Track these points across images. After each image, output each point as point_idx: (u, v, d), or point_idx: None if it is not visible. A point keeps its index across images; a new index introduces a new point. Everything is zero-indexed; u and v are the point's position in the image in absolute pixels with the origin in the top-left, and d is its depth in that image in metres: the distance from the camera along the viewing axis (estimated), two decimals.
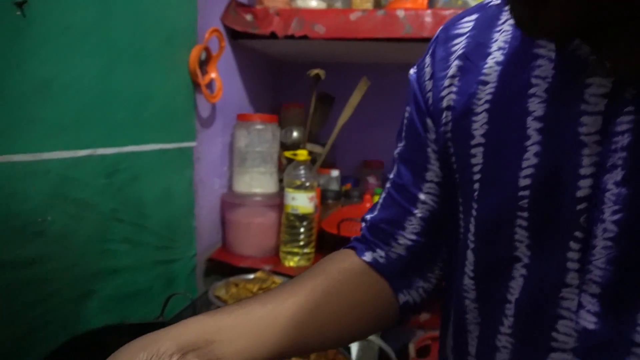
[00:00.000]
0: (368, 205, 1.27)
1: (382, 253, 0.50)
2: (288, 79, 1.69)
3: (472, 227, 0.41)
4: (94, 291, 0.81)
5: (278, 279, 1.00)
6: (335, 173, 1.48)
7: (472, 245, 0.42)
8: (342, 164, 1.65)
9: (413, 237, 0.49)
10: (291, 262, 1.19)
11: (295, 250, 1.19)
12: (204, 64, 1.11)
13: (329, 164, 1.58)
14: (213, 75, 1.13)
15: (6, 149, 0.62)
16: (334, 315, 0.45)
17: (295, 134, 1.37)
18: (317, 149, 1.36)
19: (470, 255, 0.42)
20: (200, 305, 1.04)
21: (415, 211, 0.48)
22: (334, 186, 1.49)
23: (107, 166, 0.81)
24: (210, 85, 1.13)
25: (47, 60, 0.67)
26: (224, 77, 1.17)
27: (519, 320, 0.37)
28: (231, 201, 1.24)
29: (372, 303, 0.49)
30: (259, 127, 1.21)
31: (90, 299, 0.80)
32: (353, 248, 0.53)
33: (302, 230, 1.18)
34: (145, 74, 0.90)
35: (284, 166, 1.34)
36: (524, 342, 0.37)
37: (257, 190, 1.24)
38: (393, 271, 0.50)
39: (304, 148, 1.27)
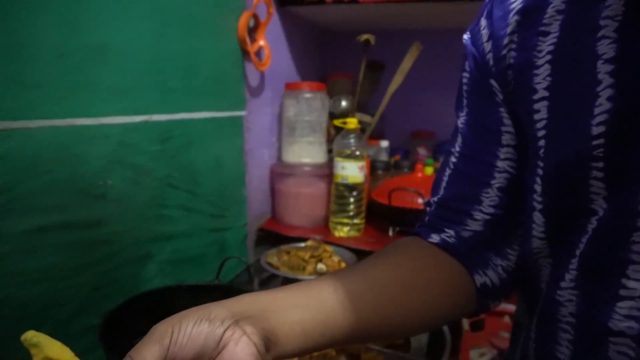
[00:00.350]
0: (420, 175, 1.23)
1: (452, 232, 0.46)
2: (336, 48, 1.65)
3: (537, 187, 0.39)
4: (152, 255, 0.83)
5: (329, 248, 0.99)
6: (384, 144, 1.45)
7: (539, 207, 0.40)
8: (391, 135, 1.61)
9: (491, 210, 0.45)
10: (341, 232, 1.18)
11: (345, 220, 1.17)
12: (252, 31, 1.09)
13: (377, 135, 1.54)
14: (261, 42, 1.11)
15: (70, 112, 0.63)
16: (399, 298, 0.40)
17: (343, 103, 1.34)
18: (366, 118, 1.32)
19: (538, 217, 0.40)
20: (253, 271, 1.06)
21: (493, 181, 0.44)
22: (383, 157, 1.46)
23: (161, 132, 0.82)
24: (258, 53, 1.12)
25: (103, 24, 0.68)
26: (272, 45, 1.15)
27: (584, 271, 0.36)
28: (280, 171, 1.24)
29: (443, 287, 0.44)
30: (307, 95, 1.19)
31: (149, 262, 0.82)
32: (416, 234, 0.49)
33: (351, 200, 1.16)
34: (195, 40, 0.89)
35: (332, 136, 1.31)
36: (589, 293, 0.35)
37: (306, 160, 1.23)
38: (465, 250, 0.45)
39: (353, 117, 1.24)
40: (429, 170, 1.35)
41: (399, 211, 1.15)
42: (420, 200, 1.15)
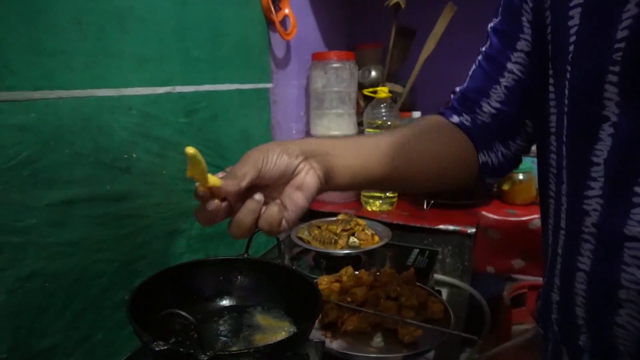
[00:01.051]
0: None
1: (468, 117, 0.56)
2: (363, 17, 1.58)
3: (566, 91, 0.41)
4: (180, 230, 0.82)
5: (361, 221, 0.96)
6: (416, 114, 1.39)
7: (566, 110, 0.41)
8: (423, 106, 1.54)
9: (497, 105, 0.53)
10: (373, 206, 1.14)
11: (377, 194, 1.13)
12: (276, 0, 1.05)
13: (409, 107, 1.48)
14: (287, 11, 1.07)
15: (90, 83, 0.61)
16: (421, 154, 0.53)
17: (373, 73, 1.29)
18: (397, 88, 1.27)
19: (565, 121, 0.42)
20: (284, 247, 1.04)
21: (502, 80, 0.51)
22: None
23: (186, 104, 0.80)
24: (284, 22, 1.08)
25: None
26: (297, 14, 1.11)
27: (609, 180, 0.37)
28: None
29: (454, 153, 0.55)
30: (335, 65, 1.15)
31: (178, 238, 0.81)
32: (441, 114, 0.59)
33: None
34: (218, 8, 0.86)
35: (362, 108, 1.27)
36: (611, 202, 0.37)
37: (336, 132, 1.19)
38: (476, 133, 0.55)
39: (383, 86, 1.19)
40: None
41: None
42: None
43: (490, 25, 0.54)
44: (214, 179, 0.43)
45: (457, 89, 0.58)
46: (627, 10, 0.33)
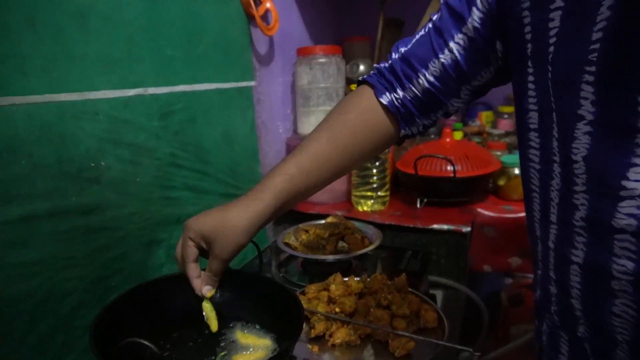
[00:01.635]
0: (448, 140, 1.13)
1: (400, 94, 0.56)
2: (350, 10, 1.53)
3: (551, 90, 0.41)
4: (160, 240, 0.77)
5: (351, 223, 0.91)
6: None
7: (554, 107, 0.41)
8: None
9: (431, 79, 0.53)
10: (364, 206, 1.10)
11: (369, 193, 1.09)
12: None
13: None
14: (268, 5, 1.02)
15: (50, 87, 0.57)
16: (355, 154, 0.58)
17: (361, 67, 1.24)
18: None
19: (554, 117, 0.42)
20: (270, 253, 0.99)
21: (441, 55, 0.51)
22: None
23: (160, 107, 0.75)
24: (265, 16, 1.03)
25: None
26: (279, 8, 1.06)
27: (591, 176, 0.38)
28: (296, 144, 1.16)
29: (378, 135, 0.59)
30: (321, 60, 1.10)
31: (157, 248, 0.77)
32: (372, 86, 0.58)
33: (374, 171, 1.07)
34: (192, 3, 0.81)
35: None
36: (597, 195, 0.38)
37: None
38: (404, 112, 0.57)
39: None
40: (458, 135, 1.25)
41: (426, 180, 1.06)
42: (449, 168, 1.05)
43: None
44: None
45: (402, 48, 0.56)
46: (601, 13, 0.35)
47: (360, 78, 0.61)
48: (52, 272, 0.58)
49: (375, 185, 1.09)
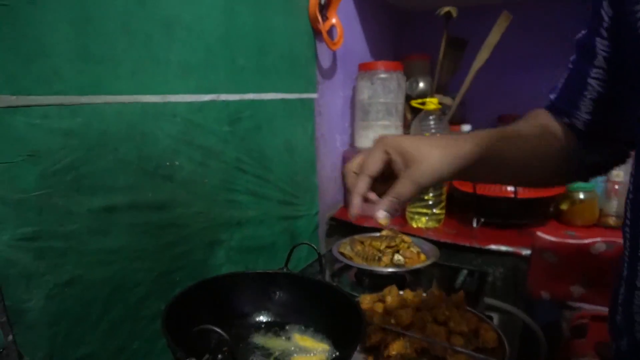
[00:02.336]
0: None
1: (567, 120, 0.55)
2: (412, 28, 1.55)
3: None
4: (221, 241, 0.80)
5: (407, 238, 0.91)
6: (466, 127, 1.33)
7: None
8: (473, 120, 1.47)
9: (587, 116, 0.53)
10: (419, 223, 1.09)
11: (423, 210, 1.08)
12: (323, 9, 1.03)
13: (459, 120, 1.42)
14: (334, 20, 1.05)
15: (135, 89, 0.61)
16: (535, 156, 0.53)
17: (421, 84, 1.24)
18: (446, 100, 1.22)
19: None
20: (325, 262, 1.00)
21: (585, 92, 0.51)
22: None
23: (230, 113, 0.79)
24: (330, 31, 1.06)
25: None
26: (344, 24, 1.09)
27: None
28: (353, 156, 1.17)
29: (559, 152, 0.55)
30: (382, 76, 1.11)
31: (218, 249, 0.80)
32: (550, 110, 0.57)
33: (431, 187, 1.06)
34: (265, 17, 0.85)
35: (409, 121, 1.22)
36: None
37: None
38: (580, 133, 0.55)
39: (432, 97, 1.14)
40: None
41: (484, 200, 1.04)
42: (509, 189, 1.02)
43: (577, 36, 0.53)
44: None
45: (552, 96, 0.57)
46: None
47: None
48: (126, 262, 0.62)
49: (430, 202, 1.07)
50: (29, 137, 0.49)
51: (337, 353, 0.56)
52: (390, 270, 0.83)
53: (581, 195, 1.07)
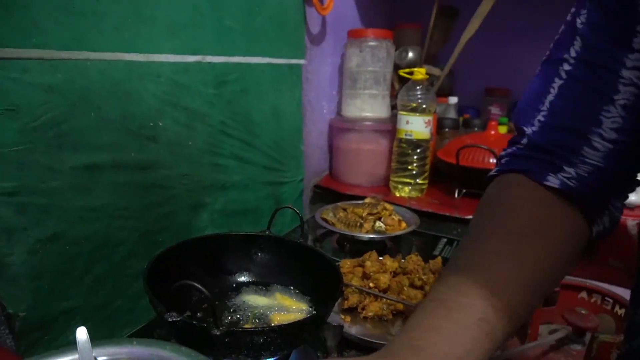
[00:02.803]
0: (493, 133, 1.11)
1: (572, 172, 0.37)
2: None
3: None
4: (205, 204, 0.81)
5: (389, 206, 0.92)
6: (453, 100, 1.33)
7: None
8: (460, 91, 1.48)
9: (613, 136, 0.35)
10: (402, 192, 1.11)
11: (407, 180, 1.10)
12: None
13: (445, 92, 1.42)
14: None
15: (119, 46, 0.60)
16: (529, 290, 0.35)
17: (410, 54, 1.24)
18: (435, 71, 1.21)
19: None
20: (307, 227, 1.02)
21: (616, 96, 0.34)
22: (452, 115, 1.35)
23: (216, 75, 0.78)
24: None
25: None
26: None
27: None
28: (340, 126, 1.18)
29: (563, 243, 0.37)
30: (372, 43, 1.10)
31: (202, 211, 0.80)
32: (524, 172, 0.39)
33: (415, 158, 1.07)
34: None
35: (397, 91, 1.22)
36: None
37: (368, 114, 1.15)
38: (588, 196, 0.37)
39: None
40: (504, 129, 1.23)
41: (467, 171, 1.06)
42: (492, 160, 1.04)
43: (578, 21, 0.38)
44: None
45: (539, 117, 0.38)
46: None
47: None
48: (110, 220, 0.62)
49: (414, 172, 1.09)
50: (7, 91, 0.48)
51: (314, 311, 0.58)
52: (371, 236, 0.85)
53: None
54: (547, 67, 0.40)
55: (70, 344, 0.39)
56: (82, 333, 0.37)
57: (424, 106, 1.04)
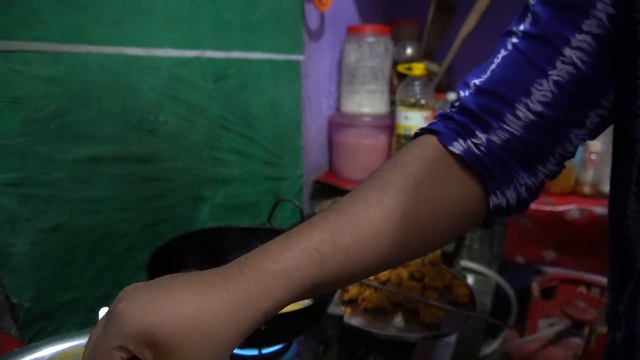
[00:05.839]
0: None
1: (483, 138, 0.38)
2: None
3: None
4: (205, 197, 0.81)
5: None
6: (452, 95, 1.34)
7: None
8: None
9: (539, 108, 0.36)
10: None
11: None
12: None
13: (444, 87, 1.43)
14: None
15: (119, 40, 0.61)
16: (414, 214, 0.36)
17: (409, 50, 1.24)
18: (433, 67, 1.22)
19: None
20: None
21: (551, 71, 0.35)
22: None
23: (216, 70, 0.78)
24: None
25: None
26: None
27: None
28: (339, 122, 1.18)
29: (454, 201, 0.38)
30: (370, 39, 1.11)
31: (202, 205, 0.81)
32: (435, 132, 0.40)
33: None
34: None
35: (395, 87, 1.23)
36: None
37: (367, 110, 1.15)
38: (491, 164, 0.38)
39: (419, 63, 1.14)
40: None
41: None
42: None
43: None
44: None
45: (474, 80, 0.39)
46: None
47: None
48: (111, 212, 0.63)
49: None
50: (10, 83, 0.49)
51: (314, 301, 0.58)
52: None
53: None
54: (499, 41, 0.41)
55: (70, 333, 0.39)
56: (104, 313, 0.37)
57: (423, 102, 1.05)
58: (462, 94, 0.40)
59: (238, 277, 0.29)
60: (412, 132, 1.06)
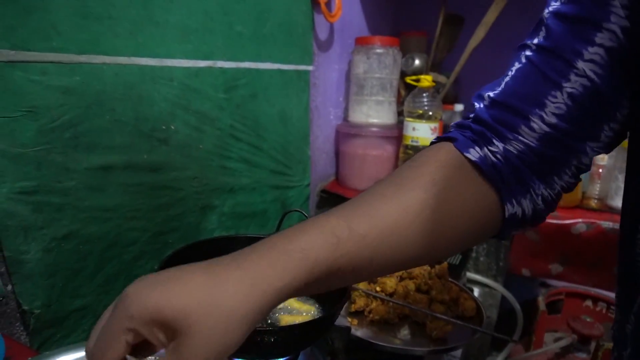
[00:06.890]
0: None
1: (499, 146, 0.38)
2: (410, 4, 1.54)
3: None
4: (214, 206, 0.82)
5: None
6: (459, 107, 1.34)
7: None
8: (466, 99, 1.49)
9: (553, 120, 0.36)
10: None
11: None
12: None
13: (451, 99, 1.43)
14: None
15: (134, 50, 0.62)
16: (452, 222, 0.37)
17: (417, 61, 1.25)
18: (441, 78, 1.22)
19: None
20: None
21: (565, 84, 0.36)
22: None
23: (227, 80, 0.79)
24: (329, 3, 1.05)
25: None
26: None
27: None
28: (346, 132, 1.19)
29: (473, 209, 0.38)
30: (379, 51, 1.12)
31: (211, 213, 0.81)
32: (452, 139, 0.40)
33: None
34: None
35: (403, 98, 1.23)
36: None
37: (374, 120, 1.16)
38: (506, 174, 0.38)
39: (427, 75, 1.15)
40: None
41: None
42: None
43: (551, 9, 0.38)
44: None
45: (488, 93, 0.40)
46: None
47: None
48: (121, 220, 0.63)
49: None
50: (28, 93, 0.50)
51: (321, 313, 0.59)
52: None
53: None
54: (516, 51, 0.41)
55: (82, 342, 0.40)
56: None
57: (430, 113, 1.05)
58: (477, 106, 0.41)
59: (249, 254, 0.30)
60: (420, 143, 1.06)
